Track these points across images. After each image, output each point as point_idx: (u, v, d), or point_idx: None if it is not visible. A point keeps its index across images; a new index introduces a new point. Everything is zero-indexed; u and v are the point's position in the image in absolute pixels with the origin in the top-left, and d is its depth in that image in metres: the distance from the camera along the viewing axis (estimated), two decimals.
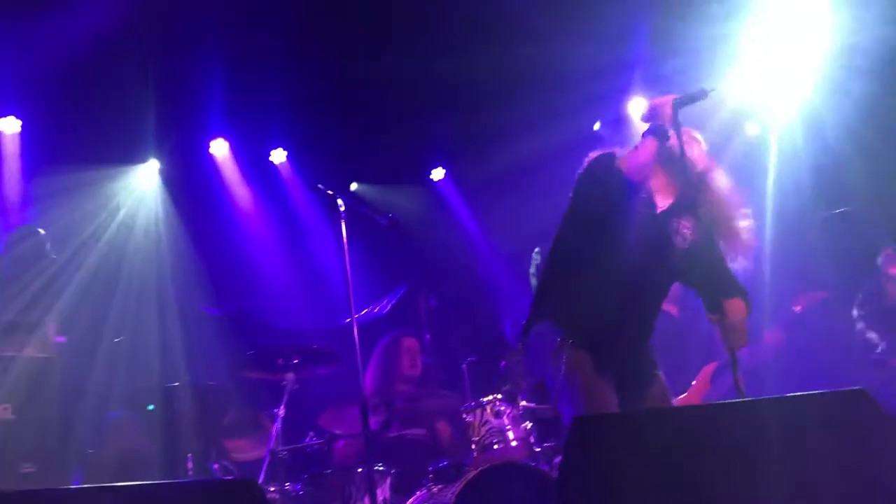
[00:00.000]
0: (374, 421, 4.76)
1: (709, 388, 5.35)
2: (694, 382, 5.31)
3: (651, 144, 3.14)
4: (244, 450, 4.81)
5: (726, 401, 3.01)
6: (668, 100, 3.19)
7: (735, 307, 3.15)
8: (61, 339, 4.81)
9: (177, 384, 5.07)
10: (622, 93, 6.84)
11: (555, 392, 3.06)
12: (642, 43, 6.22)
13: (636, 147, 3.20)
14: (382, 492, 4.48)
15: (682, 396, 5.21)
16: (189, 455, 4.69)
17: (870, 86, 6.14)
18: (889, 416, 2.37)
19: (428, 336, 5.81)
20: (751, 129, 7.18)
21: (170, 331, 6.01)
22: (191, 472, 4.63)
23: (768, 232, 6.41)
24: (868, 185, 6.26)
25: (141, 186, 6.89)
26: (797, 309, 5.74)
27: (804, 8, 6.21)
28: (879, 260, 5.62)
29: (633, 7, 5.96)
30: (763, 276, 6.04)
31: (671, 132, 3.14)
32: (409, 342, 5.68)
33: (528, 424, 4.75)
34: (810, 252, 6.20)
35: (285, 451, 4.63)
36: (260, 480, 4.33)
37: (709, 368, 5.35)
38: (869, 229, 5.49)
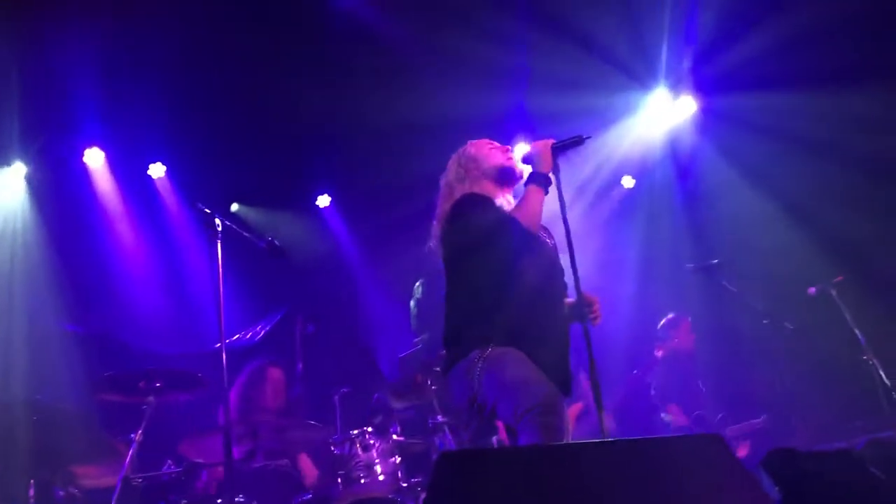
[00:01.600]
0: (238, 451, 4.59)
1: (573, 428, 5.45)
2: None
3: (538, 194, 3.23)
4: (94, 476, 4.51)
5: (591, 440, 3.06)
6: (547, 144, 3.29)
7: None
8: None
9: (20, 403, 4.72)
10: (507, 136, 7.01)
11: (484, 395, 3.06)
12: (524, 91, 6.45)
13: (524, 198, 3.28)
14: None
15: None
16: (32, 481, 4.36)
17: (742, 144, 6.57)
18: (740, 462, 2.46)
19: (300, 365, 5.68)
20: (627, 182, 7.51)
21: (18, 346, 5.62)
22: (32, 500, 4.31)
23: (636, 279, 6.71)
24: (733, 239, 6.66)
25: (2, 190, 6.47)
26: (658, 354, 6.05)
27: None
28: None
29: (517, 56, 6.17)
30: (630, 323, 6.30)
31: (552, 177, 3.24)
32: (275, 373, 5.53)
33: (398, 459, 4.70)
34: (678, 300, 6.50)
35: (140, 478, 4.40)
36: None
37: (575, 408, 5.46)
38: (732, 281, 5.80)
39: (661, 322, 6.26)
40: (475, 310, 3.21)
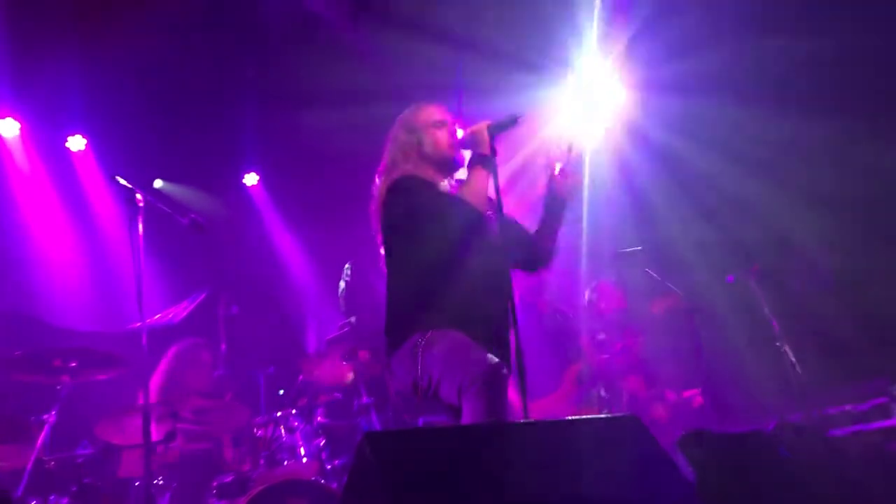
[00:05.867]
0: (158, 431, 4.49)
1: (575, 389, 5.41)
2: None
3: (482, 175, 3.23)
4: (4, 457, 4.36)
5: (512, 422, 3.10)
6: (482, 126, 3.27)
7: None
8: None
9: None
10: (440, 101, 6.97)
11: (426, 375, 3.02)
12: (460, 70, 6.42)
13: (470, 179, 3.26)
14: None
15: (549, 397, 5.33)
16: None
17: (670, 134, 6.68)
18: (657, 442, 2.52)
19: (224, 345, 5.59)
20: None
21: None
22: None
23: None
24: (657, 226, 6.80)
25: None
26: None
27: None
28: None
29: (450, 24, 6.14)
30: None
31: (494, 159, 3.24)
32: (205, 356, 5.44)
33: (322, 441, 4.69)
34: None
35: (52, 460, 4.27)
36: (18, 492, 3.95)
37: (574, 369, 5.43)
38: (651, 270, 5.90)
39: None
40: (416, 293, 3.19)
